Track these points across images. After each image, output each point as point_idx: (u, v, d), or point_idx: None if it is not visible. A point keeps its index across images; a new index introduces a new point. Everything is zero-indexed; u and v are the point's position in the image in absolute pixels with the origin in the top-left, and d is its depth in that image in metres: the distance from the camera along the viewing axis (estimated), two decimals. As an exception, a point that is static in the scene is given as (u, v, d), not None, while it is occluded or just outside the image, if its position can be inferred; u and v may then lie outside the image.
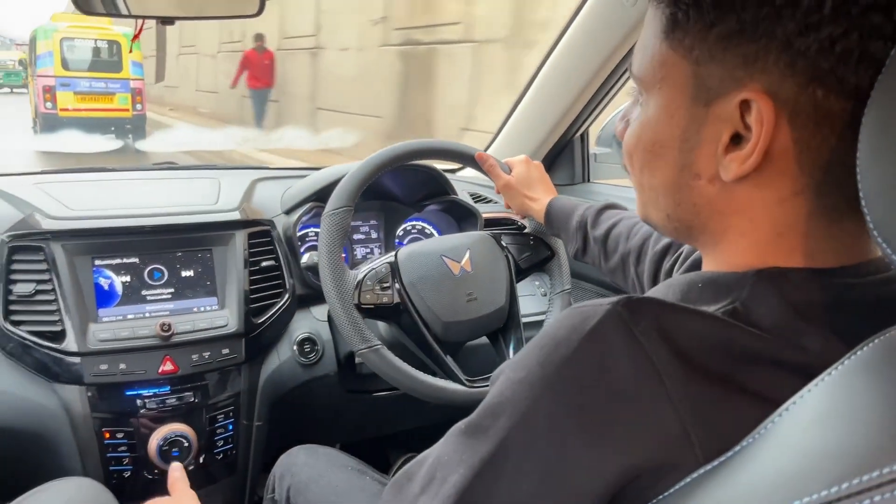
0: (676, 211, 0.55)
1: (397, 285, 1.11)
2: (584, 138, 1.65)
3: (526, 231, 1.28)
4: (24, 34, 12.91)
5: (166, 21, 0.99)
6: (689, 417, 0.43)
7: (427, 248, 1.15)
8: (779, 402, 0.41)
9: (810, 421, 0.37)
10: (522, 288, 1.43)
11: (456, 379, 1.11)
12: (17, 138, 11.19)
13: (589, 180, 1.64)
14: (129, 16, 0.96)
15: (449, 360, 1.13)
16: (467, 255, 1.17)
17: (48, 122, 10.76)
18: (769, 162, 0.48)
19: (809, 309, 0.47)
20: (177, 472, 0.89)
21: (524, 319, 1.23)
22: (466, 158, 1.23)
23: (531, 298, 1.51)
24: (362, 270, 1.09)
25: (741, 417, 0.43)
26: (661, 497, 0.44)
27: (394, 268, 1.11)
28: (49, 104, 10.65)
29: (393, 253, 1.13)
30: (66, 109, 10.70)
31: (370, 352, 1.06)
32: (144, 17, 0.97)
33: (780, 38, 0.46)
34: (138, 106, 11.38)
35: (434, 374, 1.11)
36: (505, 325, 1.22)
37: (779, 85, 0.46)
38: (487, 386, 1.14)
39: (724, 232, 0.53)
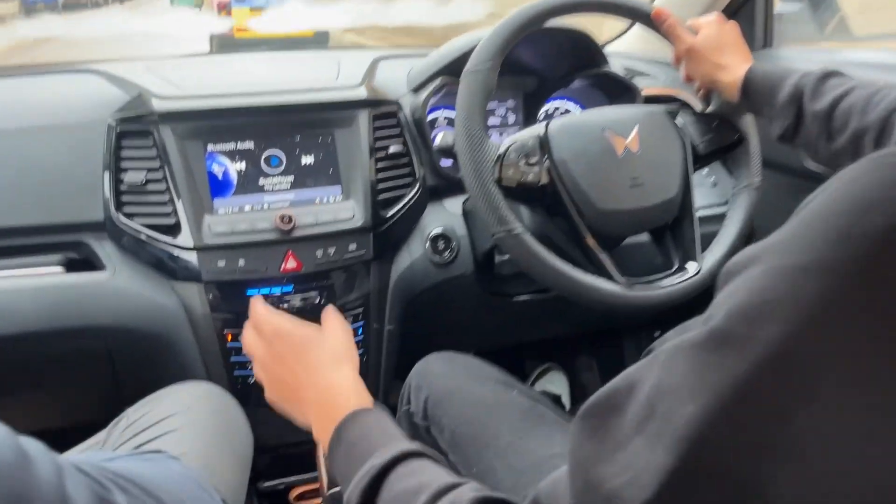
0: None
1: (546, 162, 0.93)
2: (766, -7, 1.36)
3: (710, 110, 1.05)
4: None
5: None
6: None
7: (586, 120, 0.96)
8: None
9: None
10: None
11: (611, 278, 0.94)
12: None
13: (771, 45, 1.37)
14: None
15: (604, 255, 0.95)
16: (635, 132, 0.96)
17: (224, 45, 9.02)
18: None
19: None
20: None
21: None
22: (640, 15, 1.02)
23: (697, 190, 1.29)
24: (506, 142, 0.91)
25: None
26: None
27: (543, 141, 0.93)
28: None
29: (543, 124, 0.94)
30: (243, 29, 9.02)
31: (509, 237, 0.90)
32: None
33: None
34: (322, 21, 9.48)
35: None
36: (675, 221, 1.02)
37: None
38: (649, 290, 0.96)
39: None
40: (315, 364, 0.73)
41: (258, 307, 0.81)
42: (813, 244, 0.33)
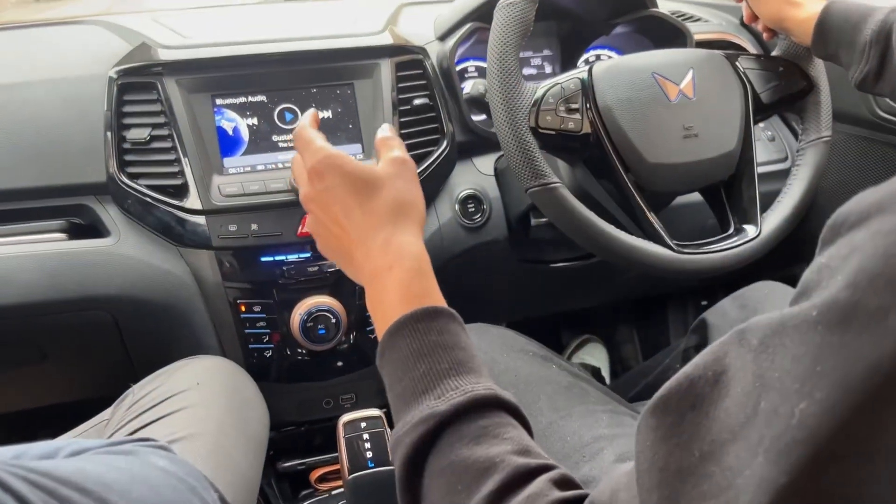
0: None
1: (589, 111, 0.82)
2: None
3: (775, 53, 0.93)
4: None
5: None
6: None
7: (634, 63, 0.85)
8: None
9: None
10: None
11: (660, 240, 0.84)
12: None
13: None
14: None
15: (651, 215, 0.85)
16: (689, 76, 0.85)
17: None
18: None
19: None
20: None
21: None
22: None
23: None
24: (543, 85, 0.81)
25: None
26: None
27: (586, 86, 0.83)
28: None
29: (586, 67, 0.84)
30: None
31: (544, 191, 0.80)
32: None
33: None
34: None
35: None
36: (732, 178, 0.91)
37: None
38: (702, 253, 0.86)
39: None
40: (364, 218, 0.57)
41: (301, 123, 0.64)
42: None
